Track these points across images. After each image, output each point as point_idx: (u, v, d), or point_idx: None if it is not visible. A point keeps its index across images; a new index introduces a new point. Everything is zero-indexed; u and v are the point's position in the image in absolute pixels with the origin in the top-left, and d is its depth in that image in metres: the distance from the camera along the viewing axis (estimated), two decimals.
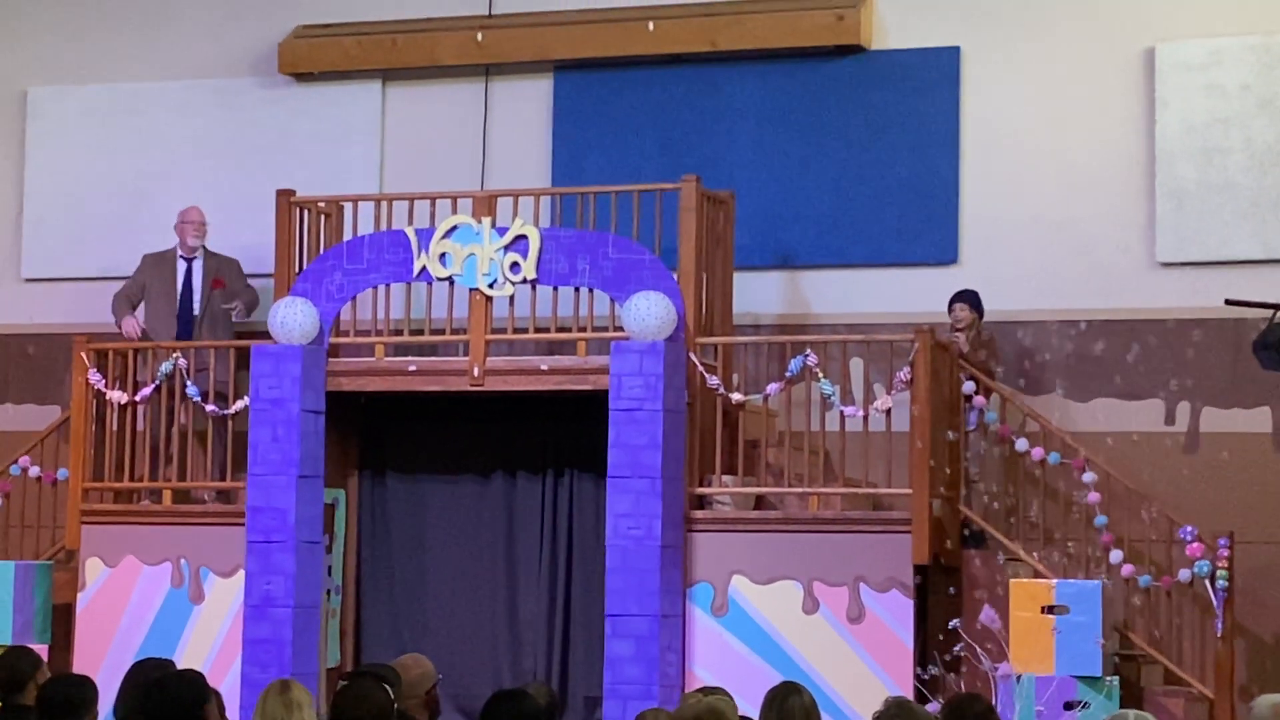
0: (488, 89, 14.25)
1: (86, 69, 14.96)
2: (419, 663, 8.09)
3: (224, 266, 13.77)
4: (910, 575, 11.72)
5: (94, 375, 13.15)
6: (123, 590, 12.89)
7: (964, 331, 12.54)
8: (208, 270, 13.71)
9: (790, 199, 13.55)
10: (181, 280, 13.69)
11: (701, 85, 13.81)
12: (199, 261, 13.73)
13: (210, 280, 13.70)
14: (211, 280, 13.70)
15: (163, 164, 14.64)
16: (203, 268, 13.71)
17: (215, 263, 13.76)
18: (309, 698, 7.08)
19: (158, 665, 7.53)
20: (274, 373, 12.42)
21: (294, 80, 14.54)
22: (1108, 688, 11.27)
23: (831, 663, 11.68)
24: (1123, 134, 13.08)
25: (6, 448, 14.06)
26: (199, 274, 13.72)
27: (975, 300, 12.68)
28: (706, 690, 7.74)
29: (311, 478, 12.43)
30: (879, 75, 13.49)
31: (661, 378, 11.88)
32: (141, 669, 7.54)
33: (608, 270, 12.26)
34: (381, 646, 12.82)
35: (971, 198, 13.30)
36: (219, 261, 13.77)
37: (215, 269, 13.74)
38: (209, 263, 13.74)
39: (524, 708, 6.53)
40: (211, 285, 13.70)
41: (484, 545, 13.16)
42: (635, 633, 11.74)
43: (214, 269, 13.73)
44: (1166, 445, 12.87)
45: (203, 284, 13.70)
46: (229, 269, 13.78)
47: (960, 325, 12.57)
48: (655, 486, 11.81)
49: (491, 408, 12.99)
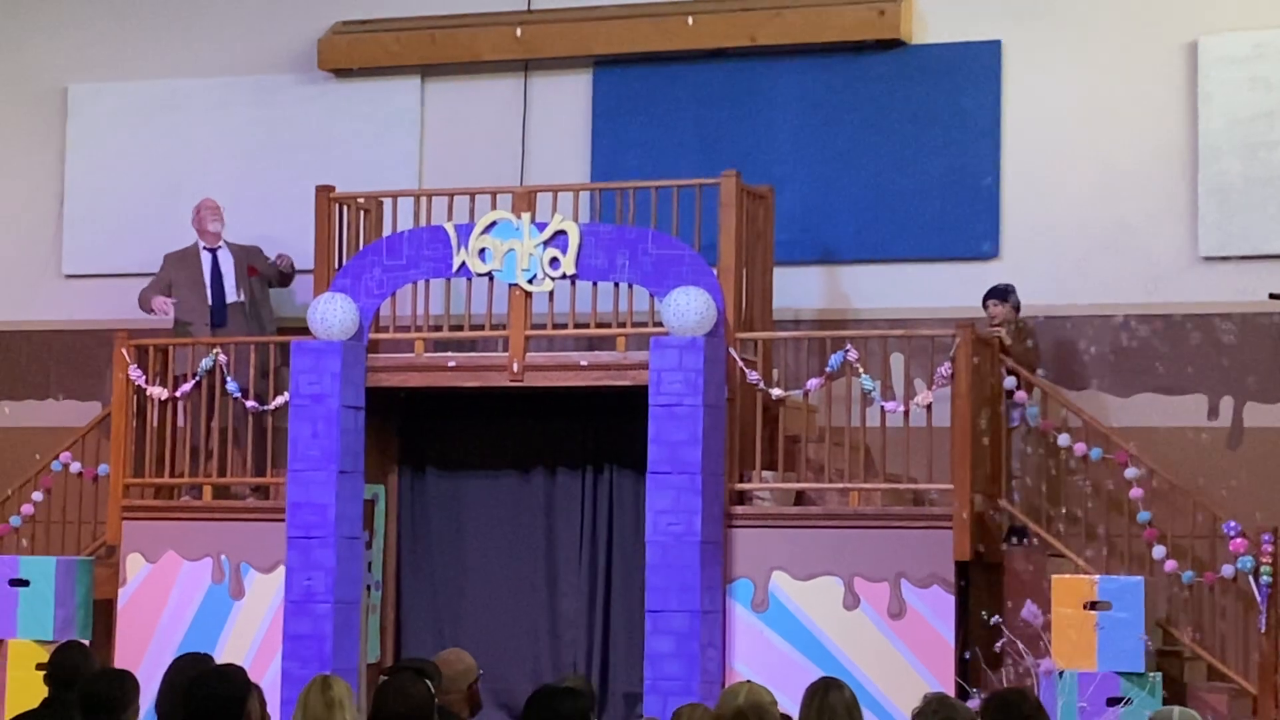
0: (527, 84, 14.24)
1: (127, 66, 14.99)
2: (460, 658, 8.09)
3: (250, 255, 13.78)
4: (951, 571, 11.68)
5: (134, 371, 13.18)
6: (163, 586, 12.91)
7: (1002, 327, 12.47)
8: (238, 260, 13.71)
9: (830, 194, 13.51)
10: (209, 271, 13.67)
11: (741, 80, 13.78)
12: (224, 251, 13.73)
13: (245, 269, 13.69)
14: (246, 269, 13.70)
15: (202, 160, 14.65)
16: (231, 257, 13.72)
17: (241, 252, 13.76)
18: (350, 694, 7.06)
19: (196, 661, 7.51)
20: (314, 368, 12.43)
21: (333, 76, 14.55)
22: (1150, 684, 11.21)
23: (872, 659, 11.65)
24: (1165, 128, 13.01)
25: (48, 444, 14.11)
26: (228, 263, 13.70)
27: (1006, 294, 12.57)
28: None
29: (351, 473, 12.43)
30: (919, 69, 13.44)
31: (701, 373, 11.84)
32: (180, 665, 7.53)
33: (647, 266, 12.24)
34: (421, 642, 12.82)
35: (1013, 192, 13.23)
36: (243, 251, 13.78)
37: (245, 258, 13.74)
38: (236, 253, 13.74)
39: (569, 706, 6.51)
40: (248, 273, 13.70)
41: (524, 541, 13.15)
42: (675, 629, 11.72)
43: (244, 258, 13.74)
44: (1209, 440, 12.80)
45: (235, 272, 13.67)
46: (255, 256, 13.79)
47: (996, 321, 12.50)
48: (695, 482, 11.79)
49: (531, 403, 12.98)
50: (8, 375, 15.05)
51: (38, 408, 14.95)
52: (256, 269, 13.75)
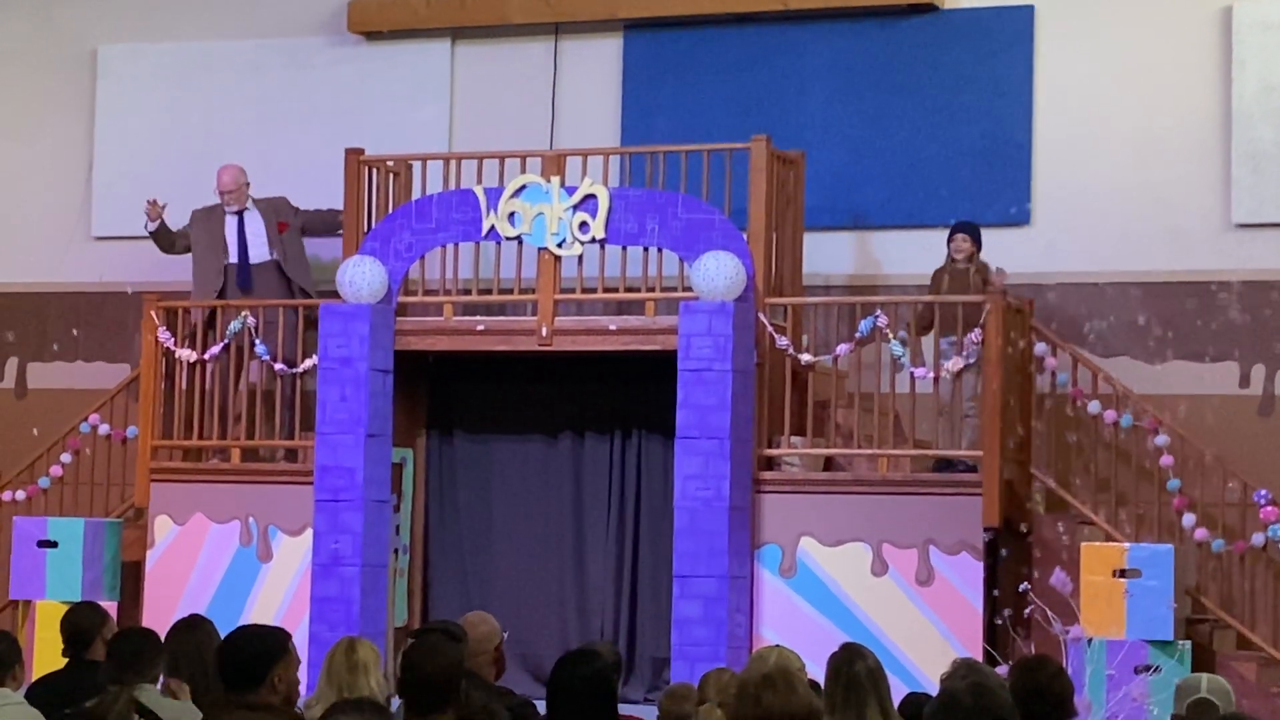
0: (557, 48, 14.18)
1: (156, 28, 14.97)
2: (485, 620, 8.07)
3: (279, 208, 13.62)
4: (980, 538, 11.65)
5: (163, 334, 13.18)
6: (191, 548, 12.93)
7: (966, 264, 12.41)
8: (267, 218, 13.59)
9: (861, 159, 13.45)
10: (234, 234, 13.57)
11: (772, 44, 13.71)
12: (251, 213, 13.62)
13: (275, 225, 13.61)
14: (276, 225, 13.61)
15: (232, 123, 14.63)
16: (259, 216, 13.60)
17: (268, 208, 13.63)
18: (376, 656, 7.06)
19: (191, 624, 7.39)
20: (342, 332, 12.42)
21: (363, 39, 14.52)
22: (1179, 652, 11.18)
23: (900, 625, 11.62)
24: (1199, 94, 12.92)
25: (76, 406, 14.12)
26: (256, 223, 13.56)
27: (976, 233, 12.51)
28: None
29: (379, 437, 12.43)
30: (952, 34, 13.36)
31: (730, 338, 11.81)
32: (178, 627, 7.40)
33: (677, 230, 12.20)
34: (449, 605, 12.81)
35: (1044, 158, 13.16)
36: (271, 205, 13.63)
37: (274, 213, 13.63)
38: (264, 209, 13.61)
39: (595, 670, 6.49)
40: (278, 230, 13.62)
41: (551, 505, 13.15)
42: (703, 594, 11.71)
43: (272, 215, 13.61)
44: (1240, 408, 12.73)
45: (268, 230, 13.59)
46: (283, 209, 13.63)
47: (960, 256, 12.43)
48: (724, 448, 11.76)
49: (559, 368, 12.96)
50: (37, 337, 15.07)
51: (67, 369, 14.97)
52: (286, 223, 13.63)
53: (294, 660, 6.38)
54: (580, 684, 6.49)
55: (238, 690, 6.20)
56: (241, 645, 6.30)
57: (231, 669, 6.23)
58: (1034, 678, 6.43)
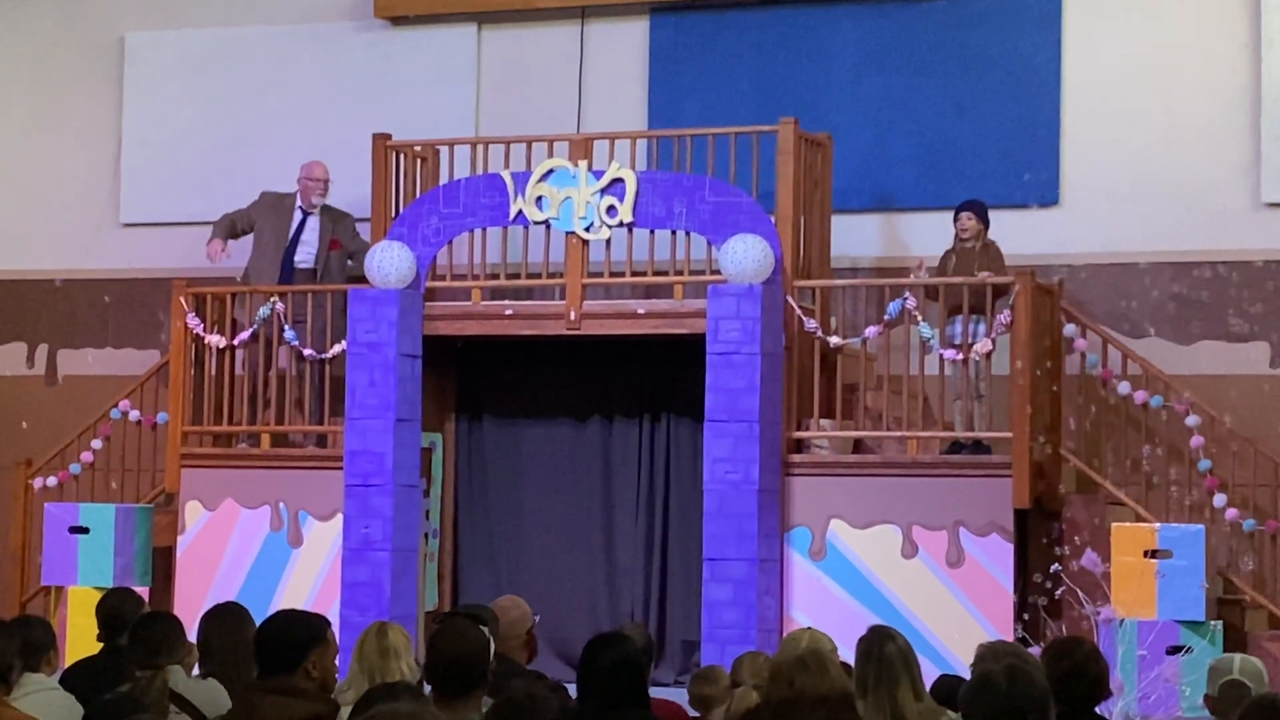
0: (583, 31, 14.17)
1: (183, 14, 14.99)
2: (516, 604, 8.09)
3: (339, 225, 13.52)
4: (1010, 519, 11.63)
5: (192, 319, 13.21)
6: (222, 533, 12.96)
7: (972, 242, 12.37)
8: (324, 228, 13.49)
9: (889, 141, 13.43)
10: (294, 230, 13.55)
11: (799, 26, 13.68)
12: (315, 218, 13.53)
13: (328, 240, 13.53)
14: (329, 241, 13.55)
15: (259, 109, 14.65)
16: (319, 224, 13.50)
17: (331, 220, 13.53)
18: (407, 641, 7.07)
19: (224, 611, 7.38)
20: (371, 317, 12.44)
21: (389, 24, 14.52)
22: (1211, 632, 11.16)
23: (930, 607, 11.62)
24: (1228, 73, 12.87)
25: (106, 392, 14.16)
26: (314, 229, 13.48)
27: (982, 211, 12.46)
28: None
29: (409, 421, 12.45)
30: (979, 15, 13.32)
31: (759, 321, 11.80)
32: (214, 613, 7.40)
33: (705, 213, 12.19)
34: (479, 589, 12.83)
35: (1072, 138, 13.12)
36: (334, 218, 13.54)
37: (331, 228, 13.51)
38: (325, 220, 13.52)
39: (625, 653, 6.50)
40: (329, 246, 13.56)
41: (581, 489, 13.16)
42: (733, 577, 11.71)
43: (330, 228, 13.49)
44: (1270, 388, 12.69)
45: (319, 241, 13.52)
46: (344, 228, 13.54)
47: (966, 235, 12.40)
48: (753, 430, 11.76)
49: (588, 352, 12.96)
50: (67, 323, 15.11)
51: (97, 356, 15.01)
52: (339, 242, 13.54)
53: (331, 648, 6.40)
54: (611, 667, 6.50)
55: (272, 674, 6.22)
56: (279, 630, 6.33)
57: (267, 653, 6.25)
58: (1071, 658, 6.43)
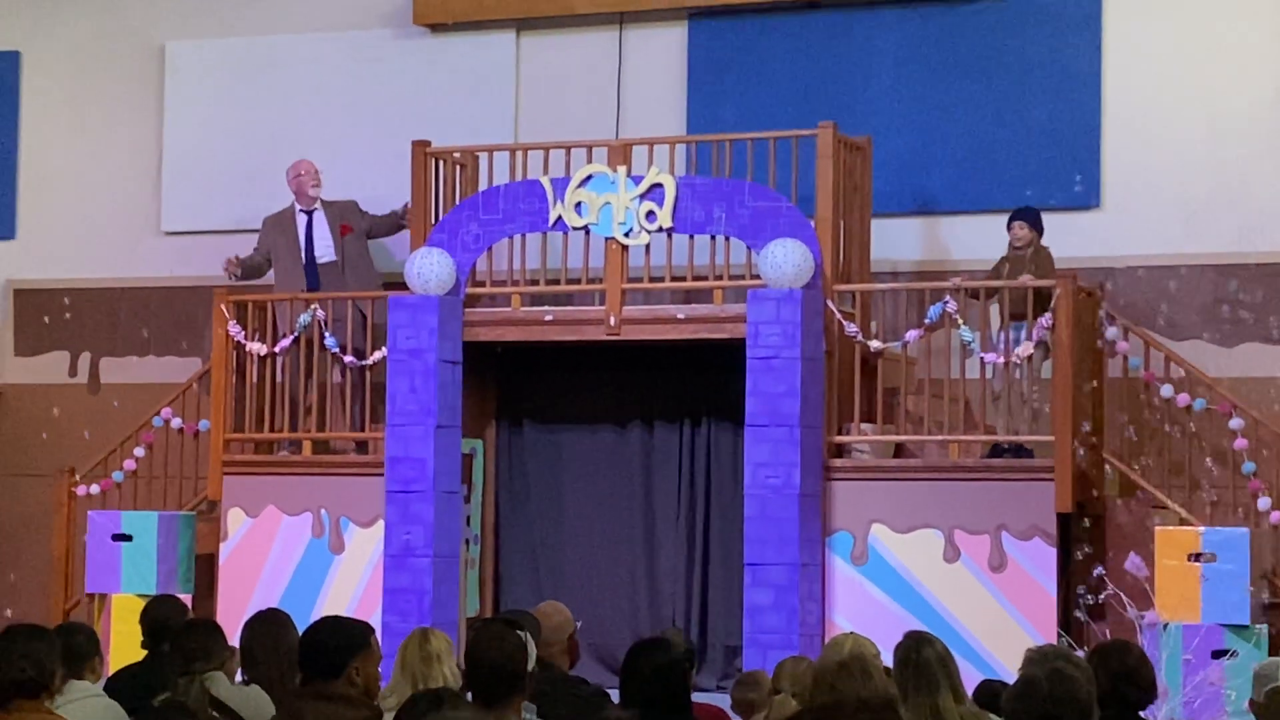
0: (622, 37, 14.17)
1: (223, 23, 15.03)
2: (558, 610, 8.09)
3: (345, 212, 13.70)
4: (1053, 523, 11.59)
5: (234, 327, 13.24)
6: (264, 540, 12.99)
7: (1024, 250, 12.33)
8: (332, 219, 13.66)
9: (929, 144, 13.39)
10: (304, 234, 13.64)
11: (838, 30, 13.66)
12: (319, 213, 13.68)
13: (339, 228, 13.66)
14: (340, 229, 13.67)
15: (299, 117, 14.68)
16: (325, 218, 13.66)
17: (336, 210, 13.71)
18: (449, 647, 7.08)
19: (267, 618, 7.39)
20: (411, 323, 12.45)
21: (428, 31, 14.54)
22: (1256, 636, 11.10)
23: (973, 612, 11.58)
24: (1269, 74, 12.81)
25: (148, 400, 14.20)
26: (322, 223, 13.64)
27: (1034, 219, 12.41)
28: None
29: (449, 428, 12.45)
30: (1019, 17, 13.28)
31: (799, 325, 11.78)
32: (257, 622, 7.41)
33: (744, 218, 12.18)
34: (521, 595, 12.84)
35: (1114, 140, 13.07)
36: (339, 208, 13.71)
37: (339, 216, 13.70)
38: (331, 212, 13.70)
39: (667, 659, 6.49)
40: (341, 233, 13.67)
41: (622, 495, 13.15)
42: (774, 582, 11.69)
43: (337, 216, 13.67)
44: None
45: (331, 232, 13.64)
46: (350, 212, 13.70)
47: (1020, 244, 12.35)
48: (794, 435, 11.74)
49: (628, 357, 12.95)
50: (109, 331, 15.16)
51: (138, 364, 15.05)
52: (350, 226, 13.68)
53: (374, 655, 6.41)
54: (653, 673, 6.49)
55: (316, 680, 6.23)
56: (323, 636, 6.34)
57: (311, 659, 6.27)
58: (1122, 661, 6.41)
